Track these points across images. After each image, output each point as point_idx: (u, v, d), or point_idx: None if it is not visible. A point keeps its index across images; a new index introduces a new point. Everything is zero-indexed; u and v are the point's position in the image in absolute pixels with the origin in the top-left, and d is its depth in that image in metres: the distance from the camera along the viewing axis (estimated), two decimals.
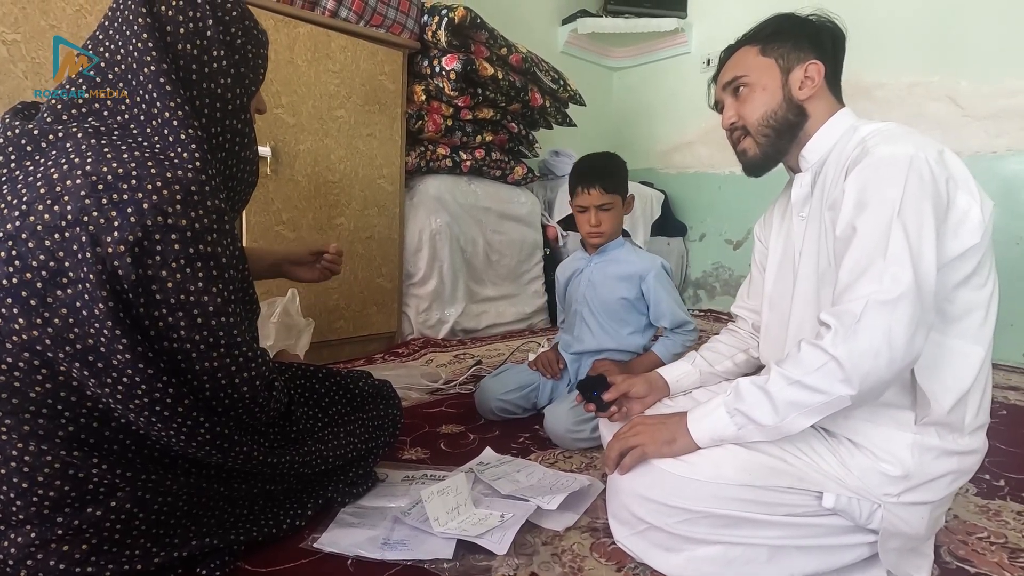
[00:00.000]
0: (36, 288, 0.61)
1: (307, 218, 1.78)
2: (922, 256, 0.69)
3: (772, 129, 0.90)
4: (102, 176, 0.62)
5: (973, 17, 2.38)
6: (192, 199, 0.65)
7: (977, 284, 0.76)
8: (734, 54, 0.95)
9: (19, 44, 1.27)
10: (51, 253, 0.61)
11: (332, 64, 1.79)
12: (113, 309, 0.61)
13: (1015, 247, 2.30)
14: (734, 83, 0.92)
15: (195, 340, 0.67)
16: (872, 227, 0.71)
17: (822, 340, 0.70)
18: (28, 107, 0.76)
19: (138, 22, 0.71)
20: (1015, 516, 1.03)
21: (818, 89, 0.87)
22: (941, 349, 0.75)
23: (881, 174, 0.72)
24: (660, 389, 1.08)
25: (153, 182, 0.63)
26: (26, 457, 0.64)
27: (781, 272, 0.96)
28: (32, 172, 0.64)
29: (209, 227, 0.66)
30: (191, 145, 0.68)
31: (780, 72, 0.89)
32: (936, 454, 0.75)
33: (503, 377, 1.48)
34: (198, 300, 0.66)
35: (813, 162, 0.89)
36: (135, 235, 0.61)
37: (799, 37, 0.89)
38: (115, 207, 0.61)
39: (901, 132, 0.78)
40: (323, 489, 0.95)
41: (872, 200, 0.72)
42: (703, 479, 0.75)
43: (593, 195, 1.36)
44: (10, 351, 0.62)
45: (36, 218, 0.61)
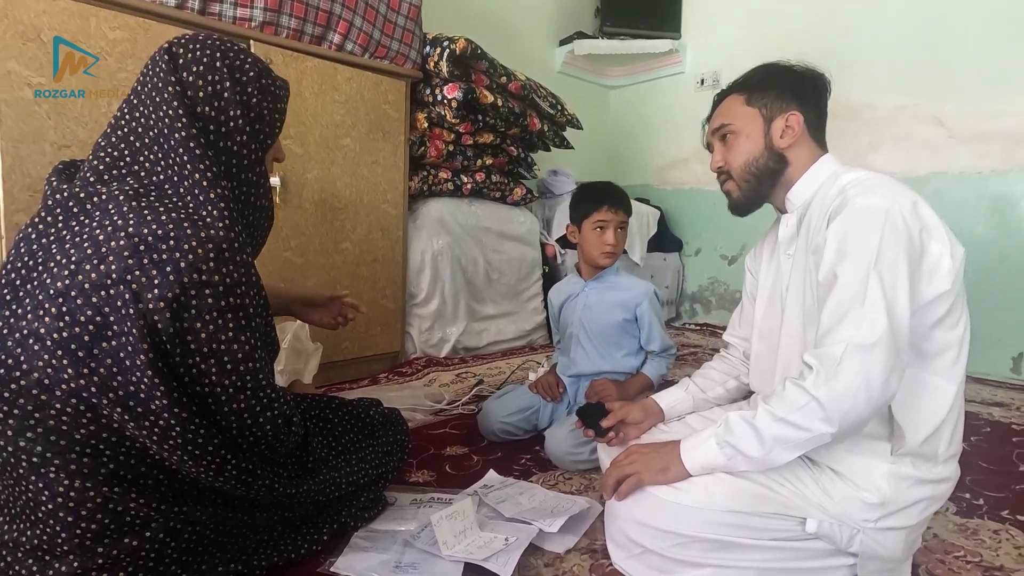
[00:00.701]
0: (84, 341, 0.67)
1: (314, 244, 1.84)
2: (896, 303, 0.74)
3: (753, 175, 0.96)
4: (143, 237, 0.68)
5: (959, 43, 2.47)
6: (223, 256, 0.71)
7: (950, 324, 0.82)
8: (723, 100, 1.02)
9: (43, 87, 1.33)
10: (97, 309, 0.67)
11: (338, 95, 1.86)
12: (152, 359, 0.67)
13: (1000, 265, 2.37)
14: (721, 130, 0.99)
15: (225, 384, 0.73)
16: (851, 275, 0.77)
17: (805, 381, 0.76)
18: (69, 167, 0.82)
19: (168, 90, 0.77)
20: (991, 535, 1.09)
21: (798, 137, 0.94)
22: (917, 384, 0.81)
23: (859, 225, 0.78)
24: (655, 415, 1.14)
25: (188, 242, 0.69)
26: (71, 493, 0.70)
27: (771, 305, 1.01)
28: (79, 233, 0.70)
29: (239, 280, 0.73)
30: (220, 204, 0.75)
31: (763, 121, 0.95)
32: (911, 482, 0.81)
33: (505, 400, 1.54)
34: (228, 348, 0.72)
35: (798, 204, 0.95)
36: (173, 292, 0.67)
37: (782, 88, 0.95)
38: (155, 266, 0.67)
39: (878, 183, 0.84)
40: (337, 514, 1.00)
41: (851, 249, 0.78)
42: (695, 506, 0.81)
43: (619, 214, 1.45)
44: (59, 398, 0.67)
45: (84, 277, 0.67)
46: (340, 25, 1.81)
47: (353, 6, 1.82)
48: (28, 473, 0.69)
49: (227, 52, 0.83)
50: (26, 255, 0.72)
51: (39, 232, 0.73)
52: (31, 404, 0.67)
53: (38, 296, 0.68)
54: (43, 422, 0.68)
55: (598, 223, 1.45)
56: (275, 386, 0.81)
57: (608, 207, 1.44)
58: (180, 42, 0.81)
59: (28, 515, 0.71)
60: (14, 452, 0.68)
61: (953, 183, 2.52)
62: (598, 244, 1.45)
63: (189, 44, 0.81)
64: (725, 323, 3.73)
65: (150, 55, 0.83)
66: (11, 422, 0.67)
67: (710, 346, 2.87)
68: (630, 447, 0.95)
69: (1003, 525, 1.13)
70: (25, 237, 0.74)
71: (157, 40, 1.47)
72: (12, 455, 0.69)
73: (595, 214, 1.45)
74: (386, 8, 1.93)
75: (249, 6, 1.61)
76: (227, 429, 0.76)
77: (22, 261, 0.72)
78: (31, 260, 0.71)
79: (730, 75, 3.78)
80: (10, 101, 1.29)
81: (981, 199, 2.45)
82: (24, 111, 1.31)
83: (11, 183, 1.31)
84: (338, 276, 1.92)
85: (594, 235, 1.46)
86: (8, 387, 0.67)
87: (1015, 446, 1.58)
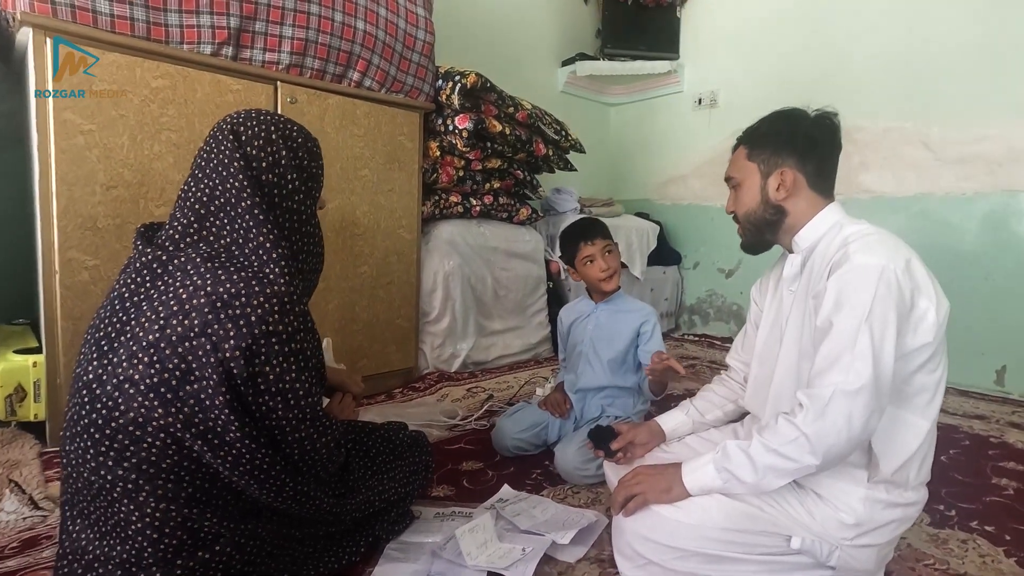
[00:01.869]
0: (172, 385, 0.79)
1: (335, 269, 1.96)
2: (882, 353, 0.84)
3: (753, 224, 1.07)
4: (219, 295, 0.80)
5: (944, 68, 2.59)
6: (285, 308, 0.83)
7: (930, 369, 0.92)
8: (735, 151, 1.10)
9: (93, 133, 1.45)
10: (183, 357, 0.79)
11: (357, 129, 1.98)
12: (229, 400, 0.79)
13: (984, 282, 2.49)
14: (730, 180, 1.11)
15: (289, 417, 0.85)
16: (845, 325, 0.86)
17: (796, 418, 0.86)
18: (150, 229, 0.94)
19: (234, 164, 0.89)
20: (959, 544, 1.21)
21: (793, 191, 1.01)
22: (894, 421, 0.92)
23: (856, 281, 0.87)
24: (658, 436, 1.26)
25: (257, 298, 0.81)
26: (157, 514, 0.82)
27: (771, 335, 1.11)
28: (164, 291, 0.82)
29: (299, 328, 0.85)
30: (281, 262, 0.87)
31: (760, 176, 1.04)
32: (884, 506, 0.93)
33: (517, 417, 1.65)
34: (292, 387, 0.84)
35: (804, 248, 1.03)
36: (246, 342, 0.79)
37: (779, 143, 1.02)
38: (231, 320, 0.79)
39: (876, 240, 0.92)
40: (371, 528, 1.12)
41: (847, 302, 0.86)
42: (694, 523, 0.92)
43: (598, 242, 1.58)
44: (151, 433, 0.79)
45: (171, 331, 0.79)
46: (359, 64, 1.94)
47: (372, 45, 1.95)
48: (121, 497, 0.81)
49: (279, 125, 0.96)
50: (120, 311, 0.84)
51: (131, 291, 0.85)
52: (127, 439, 0.79)
53: (131, 347, 0.80)
54: (137, 454, 0.79)
55: (585, 258, 1.60)
56: (328, 416, 0.93)
57: (584, 242, 1.59)
58: (240, 120, 0.93)
59: (119, 533, 0.83)
60: (112, 480, 0.80)
61: (939, 203, 2.64)
62: (594, 274, 1.60)
63: (248, 122, 0.93)
64: (723, 334, 3.85)
65: (209, 130, 0.95)
66: (111, 455, 0.79)
67: (708, 358, 2.99)
68: (636, 469, 1.06)
69: (971, 535, 1.24)
70: (119, 295, 0.85)
71: (194, 86, 1.60)
72: (109, 482, 0.80)
73: (579, 252, 1.61)
74: (402, 46, 2.05)
75: (277, 50, 1.74)
76: (290, 455, 0.88)
77: (116, 316, 0.84)
78: (124, 315, 0.83)
79: (727, 95, 3.94)
80: (65, 148, 1.41)
81: (965, 219, 2.57)
82: (77, 156, 1.43)
83: (65, 222, 1.43)
84: (356, 298, 2.04)
85: (587, 269, 1.61)
86: (109, 425, 0.79)
87: (990, 459, 1.69)
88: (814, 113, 1.03)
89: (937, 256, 2.57)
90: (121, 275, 0.88)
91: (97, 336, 0.84)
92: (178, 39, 1.56)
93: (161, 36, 1.53)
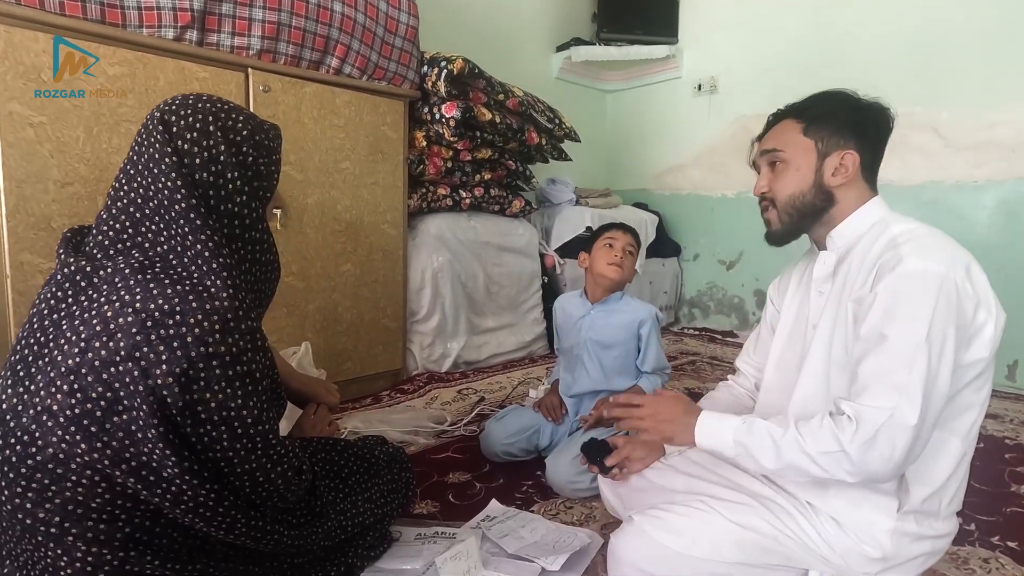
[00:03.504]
0: (96, 416, 0.69)
1: (316, 267, 1.86)
2: (939, 377, 0.75)
3: (796, 210, 0.93)
4: (150, 313, 0.70)
5: (955, 52, 2.47)
6: (228, 326, 0.73)
7: (977, 387, 0.83)
8: (779, 123, 0.96)
9: (45, 126, 1.34)
10: (108, 385, 0.69)
11: (337, 119, 1.86)
12: (163, 432, 0.69)
13: (996, 273, 2.37)
14: (771, 155, 0.95)
15: (236, 448, 0.75)
16: (901, 341, 0.76)
17: (843, 432, 0.77)
18: (77, 234, 0.83)
19: (165, 161, 0.78)
20: (981, 564, 1.12)
21: (851, 177, 0.90)
22: (935, 443, 0.82)
23: (914, 290, 0.77)
24: (657, 450, 1.16)
25: (195, 315, 0.71)
26: (89, 558, 0.72)
27: (792, 339, 1.00)
28: (87, 308, 0.72)
29: (244, 348, 0.74)
30: (223, 273, 0.76)
31: (817, 156, 0.91)
32: (913, 539, 0.84)
33: (506, 422, 1.56)
34: (238, 414, 0.74)
35: (840, 245, 0.92)
36: (181, 367, 0.69)
37: (843, 123, 0.90)
38: (162, 342, 0.69)
39: (931, 242, 0.82)
40: (344, 555, 1.03)
41: (902, 314, 0.77)
42: (702, 556, 0.84)
43: (628, 236, 1.55)
44: (74, 470, 0.69)
45: (94, 354, 0.69)
46: (338, 49, 1.82)
47: (350, 29, 1.83)
48: (47, 540, 0.71)
49: (219, 114, 0.83)
50: (38, 331, 0.74)
51: (51, 307, 0.74)
52: (48, 478, 0.69)
53: (50, 373, 0.70)
54: (60, 494, 0.70)
55: (608, 240, 1.54)
56: (283, 443, 0.83)
57: (618, 229, 1.56)
58: (172, 108, 0.81)
59: None
60: (33, 523, 0.70)
61: (949, 192, 2.54)
62: (606, 256, 1.52)
63: (181, 110, 0.81)
64: (723, 327, 3.76)
65: (142, 122, 0.83)
66: (30, 495, 0.70)
67: (708, 353, 2.90)
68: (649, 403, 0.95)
69: (993, 552, 1.16)
70: (38, 312, 0.75)
71: (155, 74, 1.48)
72: (31, 526, 0.71)
73: (606, 234, 1.56)
74: (383, 30, 1.93)
75: (246, 34, 1.62)
76: (240, 488, 0.78)
77: (35, 337, 0.74)
78: (43, 336, 0.73)
79: (727, 81, 3.81)
80: (12, 142, 1.30)
81: (977, 208, 2.47)
82: (27, 151, 1.32)
83: (15, 222, 1.33)
84: (339, 298, 1.94)
85: (603, 250, 1.53)
86: (25, 463, 0.69)
87: (1007, 463, 1.60)
88: (871, 99, 0.92)
89: None
90: (43, 289, 0.78)
91: (14, 360, 0.74)
92: (136, 22, 1.44)
93: (118, 19, 1.41)
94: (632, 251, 1.55)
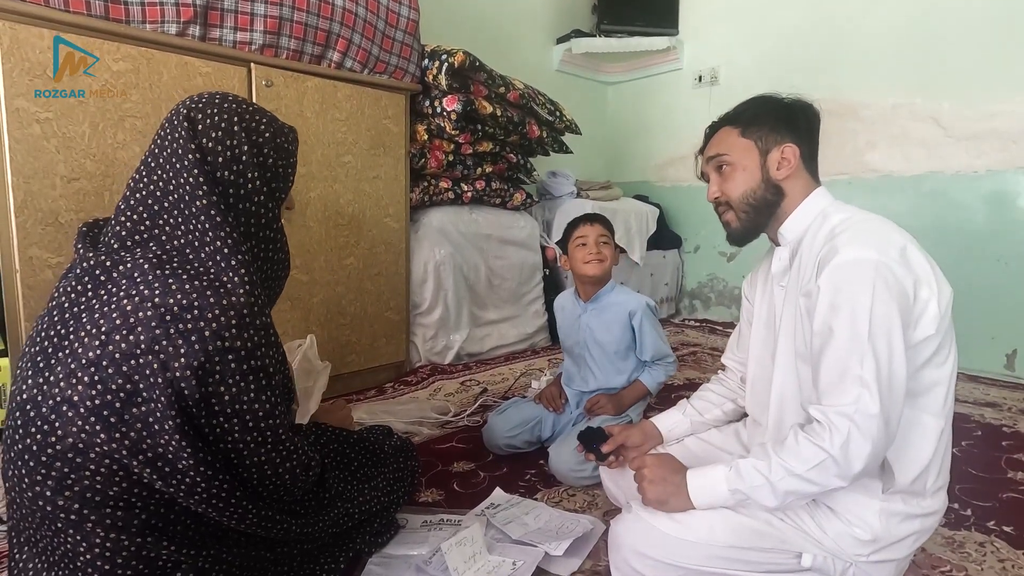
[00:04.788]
0: (115, 407, 0.71)
1: (319, 261, 1.88)
2: (893, 359, 0.77)
3: (751, 207, 0.97)
4: (169, 307, 0.72)
5: (954, 42, 2.47)
6: (244, 322, 0.75)
7: (938, 363, 0.84)
8: (717, 132, 1.02)
9: (51, 122, 1.35)
10: (127, 377, 0.71)
11: (339, 113, 1.87)
12: (180, 424, 0.71)
13: (995, 263, 2.41)
14: (717, 160, 0.99)
15: (247, 440, 0.77)
16: (847, 331, 0.79)
17: (820, 438, 0.78)
18: (93, 228, 0.85)
19: (188, 157, 0.80)
20: (977, 547, 1.14)
21: (794, 169, 0.95)
22: (907, 423, 0.84)
23: (850, 279, 0.80)
24: (654, 438, 1.19)
25: (212, 310, 0.73)
26: (107, 544, 0.74)
27: (766, 334, 1.03)
28: (107, 302, 0.74)
29: (259, 343, 0.76)
30: (240, 270, 0.78)
31: (759, 154, 0.96)
32: (901, 518, 0.85)
33: (508, 415, 1.58)
34: (250, 407, 0.76)
35: (790, 239, 0.96)
36: (199, 360, 0.71)
37: (776, 120, 0.96)
38: (181, 336, 0.71)
39: (864, 229, 0.85)
40: (352, 542, 1.05)
41: (844, 304, 0.80)
42: (697, 540, 0.85)
43: (596, 227, 1.54)
44: (93, 460, 0.71)
45: (114, 347, 0.71)
46: (339, 43, 1.82)
47: (351, 23, 1.83)
48: (66, 527, 0.74)
49: (243, 115, 0.86)
50: (59, 323, 0.76)
51: (71, 300, 0.76)
52: (67, 467, 0.71)
53: (71, 364, 0.72)
54: (79, 482, 0.72)
55: (578, 240, 1.54)
56: (293, 438, 0.85)
57: (584, 224, 1.55)
58: (198, 106, 0.83)
59: (67, 564, 0.76)
60: (52, 510, 0.72)
61: (949, 182, 2.54)
62: (582, 255, 1.53)
63: (207, 108, 0.83)
64: (724, 319, 3.77)
65: (165, 117, 0.85)
66: (49, 483, 0.72)
67: (709, 344, 2.91)
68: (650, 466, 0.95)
69: (989, 537, 1.18)
70: (57, 305, 0.77)
71: (159, 69, 1.49)
72: (51, 512, 0.73)
73: (574, 233, 1.55)
74: (384, 24, 1.93)
75: (249, 29, 1.63)
76: (248, 480, 0.80)
77: (55, 330, 0.75)
78: (63, 328, 0.75)
79: (728, 72, 3.80)
80: (20, 138, 1.32)
81: (976, 198, 2.47)
82: (34, 147, 1.34)
83: (24, 217, 1.34)
84: (343, 291, 1.96)
85: (578, 251, 1.54)
86: (45, 451, 0.71)
87: (1004, 450, 1.62)
88: (796, 97, 0.98)
89: (946, 237, 2.48)
90: (61, 282, 0.80)
91: (33, 351, 0.76)
92: (140, 18, 1.45)
93: (121, 15, 1.42)
94: (607, 240, 1.54)
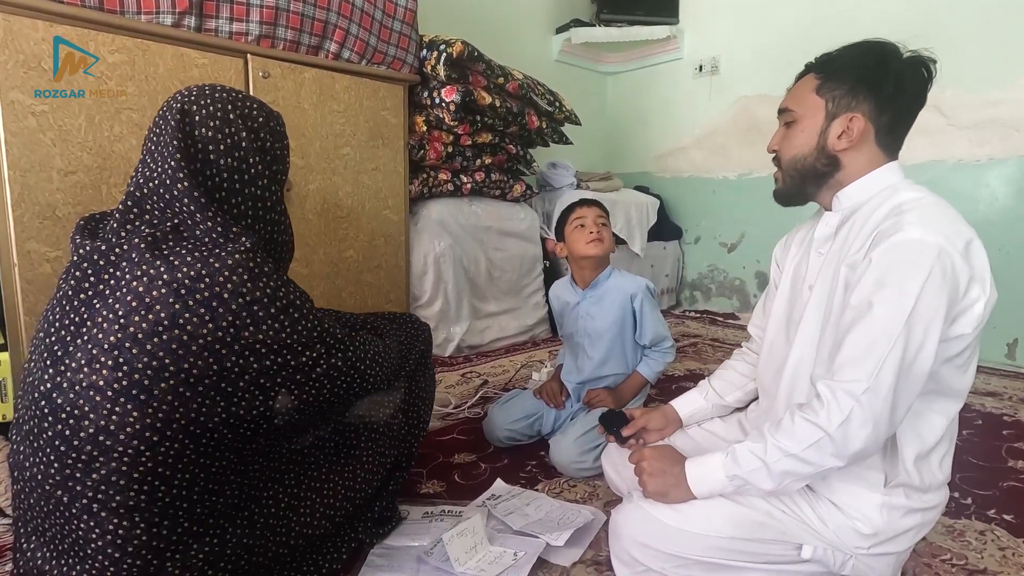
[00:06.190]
0: (144, 385, 0.72)
1: (318, 254, 1.87)
2: (923, 351, 0.75)
3: (798, 171, 0.91)
4: (180, 282, 0.73)
5: (958, 29, 2.45)
6: (254, 272, 0.77)
7: (960, 363, 0.82)
8: (803, 77, 0.93)
9: (47, 115, 1.34)
10: (152, 354, 0.72)
11: (337, 104, 1.86)
12: (208, 387, 0.74)
13: (997, 253, 2.40)
14: (785, 114, 0.93)
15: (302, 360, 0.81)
16: (887, 312, 0.75)
17: (817, 416, 0.77)
18: (91, 221, 0.86)
19: (172, 144, 0.81)
20: (977, 536, 1.14)
21: (857, 142, 0.85)
22: (915, 414, 0.82)
23: (907, 260, 0.75)
24: (675, 422, 1.18)
25: (221, 273, 0.74)
26: (120, 531, 0.74)
27: (791, 300, 0.99)
28: (116, 287, 0.75)
29: (279, 285, 0.79)
30: (241, 237, 0.79)
31: (824, 117, 0.87)
32: (903, 512, 0.85)
33: (508, 407, 1.58)
34: (290, 337, 0.80)
35: (846, 207, 0.89)
36: (227, 320, 0.74)
37: (859, 80, 0.85)
38: (201, 305, 0.73)
39: (935, 212, 0.79)
40: (353, 531, 1.05)
41: (892, 283, 0.75)
42: (697, 531, 0.85)
43: (593, 208, 1.52)
44: (122, 440, 0.72)
45: (135, 328, 0.72)
46: (336, 34, 1.81)
47: (349, 14, 1.82)
48: (80, 513, 0.74)
49: (235, 102, 0.87)
50: (70, 312, 0.76)
51: (75, 289, 0.77)
52: (97, 450, 0.72)
53: (92, 351, 0.72)
54: (107, 464, 0.72)
55: (576, 221, 1.51)
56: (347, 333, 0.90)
57: (582, 207, 1.53)
58: (191, 98, 0.84)
59: (76, 552, 0.76)
60: (73, 495, 0.73)
61: (951, 171, 2.53)
62: (582, 236, 1.50)
63: (201, 99, 0.84)
64: (725, 310, 3.77)
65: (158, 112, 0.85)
66: (79, 466, 0.72)
67: (710, 336, 2.91)
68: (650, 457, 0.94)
69: (989, 525, 1.18)
70: (63, 295, 0.78)
71: (155, 61, 1.48)
72: (70, 497, 0.73)
73: (571, 216, 1.53)
74: (382, 14, 1.91)
75: (245, 20, 1.61)
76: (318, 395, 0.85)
77: (68, 319, 0.76)
78: (76, 317, 0.76)
79: (729, 61, 3.77)
80: (15, 131, 1.31)
81: (979, 187, 2.46)
82: (30, 140, 1.33)
83: (21, 211, 1.34)
84: (343, 284, 1.95)
85: (577, 232, 1.51)
86: (77, 436, 0.72)
87: (1005, 439, 1.63)
88: (908, 54, 0.85)
89: None
90: (62, 276, 0.80)
91: (48, 342, 0.77)
92: (134, 9, 1.43)
93: (116, 6, 1.41)
94: (604, 221, 1.52)
